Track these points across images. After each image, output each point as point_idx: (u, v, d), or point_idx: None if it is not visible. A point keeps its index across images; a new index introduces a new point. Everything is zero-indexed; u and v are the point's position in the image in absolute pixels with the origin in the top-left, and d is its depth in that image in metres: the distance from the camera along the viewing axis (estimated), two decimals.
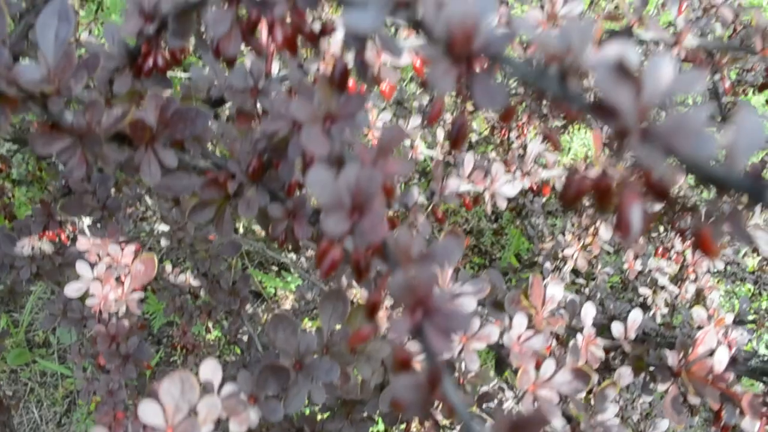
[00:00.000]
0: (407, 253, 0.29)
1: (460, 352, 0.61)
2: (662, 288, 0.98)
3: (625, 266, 0.88)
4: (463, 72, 0.32)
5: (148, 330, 2.71)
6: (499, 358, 0.62)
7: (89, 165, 0.58)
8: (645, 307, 1.03)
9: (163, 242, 1.26)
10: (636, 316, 0.79)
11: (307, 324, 1.99)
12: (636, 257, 0.87)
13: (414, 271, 0.28)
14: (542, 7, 0.62)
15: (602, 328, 1.11)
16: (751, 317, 1.36)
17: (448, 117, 1.07)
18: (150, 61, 0.57)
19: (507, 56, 0.32)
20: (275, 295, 2.78)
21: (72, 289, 0.81)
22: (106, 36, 0.63)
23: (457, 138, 0.35)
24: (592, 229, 0.81)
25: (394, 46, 0.38)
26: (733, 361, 0.97)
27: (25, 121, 1.60)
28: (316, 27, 0.42)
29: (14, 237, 1.12)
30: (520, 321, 0.64)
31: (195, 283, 1.18)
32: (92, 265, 0.83)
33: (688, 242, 0.98)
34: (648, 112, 0.26)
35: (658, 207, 0.86)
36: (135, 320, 0.81)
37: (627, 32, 0.62)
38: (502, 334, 0.63)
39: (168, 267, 1.33)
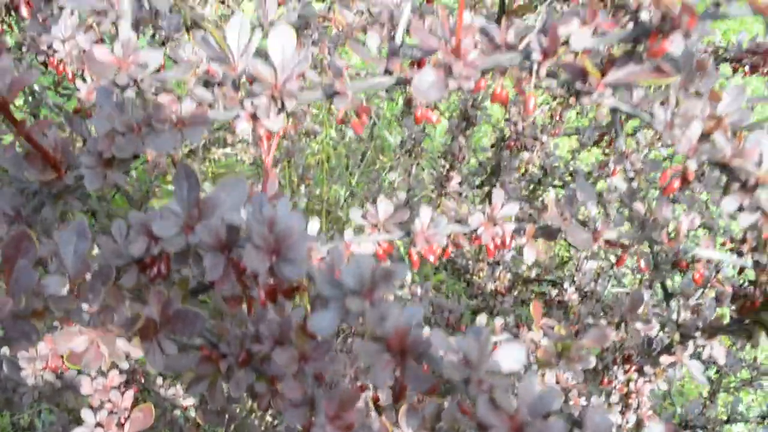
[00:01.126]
0: None
1: None
2: None
3: (570, 402, 0.98)
4: (398, 363, 0.43)
5: None
6: None
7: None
8: None
9: None
10: None
11: None
12: (581, 395, 0.98)
13: None
14: (483, 212, 0.75)
15: None
16: None
17: None
18: (155, 270, 0.68)
19: (431, 355, 0.43)
20: None
21: None
22: (115, 233, 0.74)
23: (399, 395, 0.47)
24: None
25: None
26: None
27: None
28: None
29: (18, 365, 1.21)
30: None
31: (186, 402, 1.27)
32: (95, 410, 0.92)
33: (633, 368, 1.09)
34: (516, 425, 0.37)
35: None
36: None
37: (556, 230, 0.74)
38: None
39: (159, 380, 1.42)
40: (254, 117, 0.70)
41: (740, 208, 0.59)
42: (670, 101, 0.59)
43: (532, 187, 2.05)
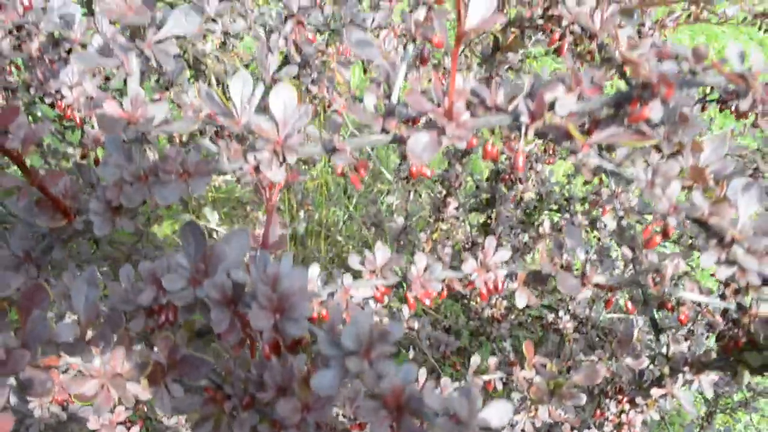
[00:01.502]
0: None
1: None
2: None
3: None
4: (394, 419, 0.46)
5: None
6: None
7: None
8: None
9: None
10: None
11: None
12: (572, 429, 1.01)
13: None
14: (476, 257, 0.78)
15: None
16: None
17: None
18: (163, 317, 0.71)
19: (425, 411, 0.46)
20: None
21: None
22: (122, 278, 0.78)
23: None
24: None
25: None
26: None
27: None
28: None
29: (25, 396, 1.23)
30: None
31: None
32: None
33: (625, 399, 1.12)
34: None
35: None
36: None
37: (546, 276, 0.77)
38: None
39: None
40: (257, 169, 0.74)
41: (719, 261, 0.63)
42: (650, 160, 0.63)
43: (528, 211, 2.08)
